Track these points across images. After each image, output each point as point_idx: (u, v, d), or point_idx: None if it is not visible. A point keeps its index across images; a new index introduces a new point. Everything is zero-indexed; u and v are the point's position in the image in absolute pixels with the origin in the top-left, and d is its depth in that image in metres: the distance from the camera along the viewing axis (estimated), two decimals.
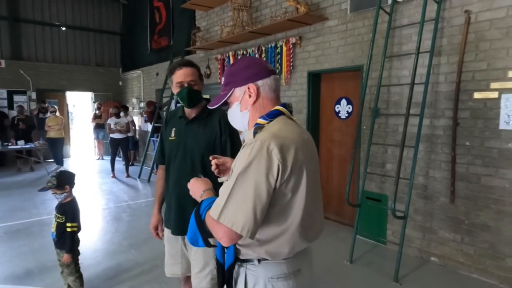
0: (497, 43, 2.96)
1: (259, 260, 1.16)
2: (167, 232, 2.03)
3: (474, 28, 3.09)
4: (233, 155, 1.80)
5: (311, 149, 1.20)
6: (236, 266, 1.20)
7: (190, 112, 1.94)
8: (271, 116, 1.17)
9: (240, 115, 1.24)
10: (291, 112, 1.24)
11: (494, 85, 2.99)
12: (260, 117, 1.18)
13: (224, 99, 1.25)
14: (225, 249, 1.20)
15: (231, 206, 1.03)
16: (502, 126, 2.95)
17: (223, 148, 1.87)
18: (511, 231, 2.94)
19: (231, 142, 1.88)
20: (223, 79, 1.27)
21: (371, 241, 3.95)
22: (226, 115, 1.96)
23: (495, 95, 2.99)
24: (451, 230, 3.32)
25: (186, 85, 1.83)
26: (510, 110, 2.89)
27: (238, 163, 1.07)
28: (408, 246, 3.57)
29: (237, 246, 1.18)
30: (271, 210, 1.08)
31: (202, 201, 1.18)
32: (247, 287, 1.17)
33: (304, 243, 1.20)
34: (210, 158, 1.41)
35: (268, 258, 1.15)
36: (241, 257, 1.18)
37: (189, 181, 1.79)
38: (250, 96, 1.20)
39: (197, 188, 1.28)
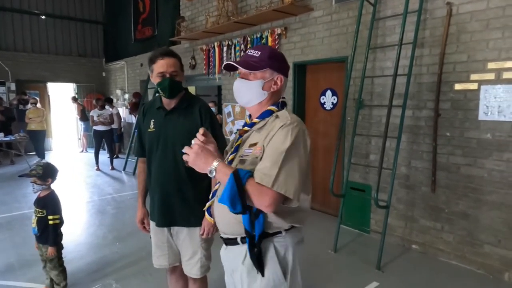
0: (477, 35, 3.01)
1: (285, 230, 1.30)
2: (152, 224, 2.04)
3: (455, 20, 3.13)
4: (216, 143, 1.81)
5: None
6: (263, 241, 1.28)
7: (169, 103, 1.91)
8: (282, 105, 1.37)
9: (259, 92, 1.34)
10: None
11: (474, 76, 3.05)
12: (272, 105, 1.35)
13: (256, 71, 1.33)
14: (255, 220, 1.25)
15: (282, 176, 1.16)
16: (481, 117, 3.02)
17: None
18: (488, 219, 3.04)
19: (212, 131, 1.85)
20: (258, 52, 1.33)
21: (355, 230, 4.02)
22: (205, 105, 1.95)
23: (474, 86, 3.05)
24: (431, 218, 3.41)
25: (168, 75, 1.80)
26: (489, 101, 2.96)
27: (278, 140, 1.21)
28: (390, 234, 3.65)
29: (271, 218, 1.26)
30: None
31: (237, 169, 1.19)
32: (279, 255, 1.29)
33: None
34: (201, 130, 1.33)
35: (297, 225, 1.32)
36: (270, 231, 1.28)
37: (171, 172, 1.76)
38: (275, 83, 1.35)
39: (203, 158, 1.22)
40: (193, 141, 1.28)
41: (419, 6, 3.27)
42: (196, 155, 1.23)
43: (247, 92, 1.35)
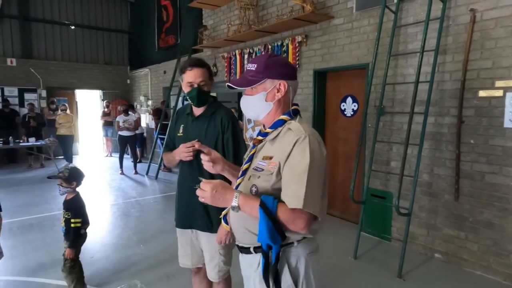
0: (502, 41, 2.97)
1: (298, 241, 1.28)
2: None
3: (479, 26, 3.10)
4: (235, 152, 1.92)
5: None
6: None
7: (196, 110, 2.01)
8: (294, 114, 1.33)
9: (264, 104, 1.32)
10: None
11: (499, 83, 3.01)
12: (284, 114, 1.32)
13: (254, 85, 1.31)
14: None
15: (310, 195, 1.15)
16: (507, 124, 2.97)
17: (226, 145, 1.94)
18: None
19: (233, 140, 1.95)
20: (255, 65, 1.31)
21: (375, 237, 3.99)
22: (229, 113, 2.03)
23: (500, 93, 3.00)
24: (455, 227, 3.35)
25: (196, 85, 1.89)
26: None
27: (297, 158, 1.19)
28: (412, 243, 3.61)
29: (287, 232, 1.23)
30: None
31: (261, 200, 1.17)
32: (290, 266, 1.28)
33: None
34: (196, 144, 1.47)
35: (310, 235, 1.30)
36: (283, 242, 1.25)
37: (195, 177, 1.85)
38: (278, 91, 1.30)
39: (220, 198, 1.22)
40: (202, 158, 1.41)
41: (441, 13, 3.26)
42: (212, 197, 1.21)
43: (253, 108, 1.36)
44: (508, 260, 3.01)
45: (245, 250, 1.38)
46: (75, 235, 2.65)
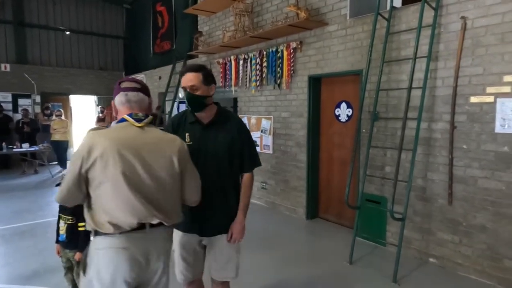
0: (493, 48, 3.03)
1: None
2: (178, 237, 2.01)
3: (470, 34, 3.16)
4: (251, 157, 2.02)
5: (139, 147, 1.53)
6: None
7: (204, 117, 1.96)
8: (118, 122, 1.61)
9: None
10: (140, 119, 1.59)
11: (490, 89, 3.06)
12: (113, 122, 1.63)
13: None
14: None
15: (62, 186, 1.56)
16: (498, 129, 3.01)
17: (241, 152, 1.99)
18: (508, 232, 2.99)
19: (248, 145, 2.01)
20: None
21: (371, 242, 4.01)
22: (241, 121, 2.09)
23: (491, 99, 3.05)
24: (449, 231, 3.38)
25: (188, 90, 1.88)
26: (506, 114, 2.96)
27: None
28: (407, 247, 3.63)
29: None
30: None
31: None
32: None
33: (129, 222, 1.50)
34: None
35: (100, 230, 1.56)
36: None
37: (215, 183, 1.96)
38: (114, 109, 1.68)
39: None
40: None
41: (433, 20, 3.31)
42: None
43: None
44: (502, 264, 3.03)
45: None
46: (86, 237, 2.63)
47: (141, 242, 1.54)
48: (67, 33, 10.32)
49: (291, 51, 4.92)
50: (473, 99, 3.17)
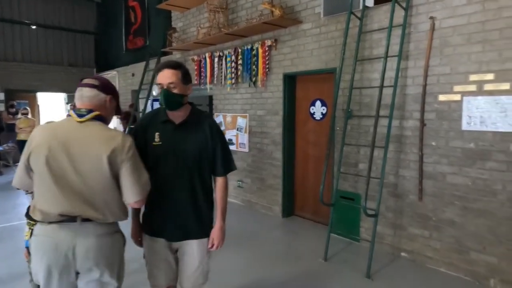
0: (460, 48, 3.13)
1: None
2: (149, 242, 1.95)
3: (438, 34, 3.25)
4: (224, 161, 1.95)
5: (69, 142, 1.56)
6: None
7: (176, 116, 1.88)
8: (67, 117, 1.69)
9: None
10: (82, 115, 1.61)
11: (457, 88, 3.16)
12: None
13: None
14: None
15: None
16: (465, 127, 3.12)
17: (214, 154, 1.92)
18: (474, 226, 3.11)
19: (221, 146, 1.94)
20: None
21: (345, 239, 4.07)
22: (215, 121, 2.04)
23: (458, 97, 3.16)
24: (420, 226, 3.48)
25: (165, 87, 1.79)
26: (471, 112, 3.07)
27: None
28: (380, 242, 3.71)
29: None
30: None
31: None
32: None
33: (52, 211, 1.54)
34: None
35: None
36: None
37: (185, 186, 1.89)
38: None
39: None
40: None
41: (403, 20, 3.38)
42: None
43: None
44: (468, 256, 3.15)
45: None
46: None
47: (68, 234, 1.56)
48: (33, 27, 9.84)
49: (266, 49, 4.91)
50: (442, 98, 3.26)
